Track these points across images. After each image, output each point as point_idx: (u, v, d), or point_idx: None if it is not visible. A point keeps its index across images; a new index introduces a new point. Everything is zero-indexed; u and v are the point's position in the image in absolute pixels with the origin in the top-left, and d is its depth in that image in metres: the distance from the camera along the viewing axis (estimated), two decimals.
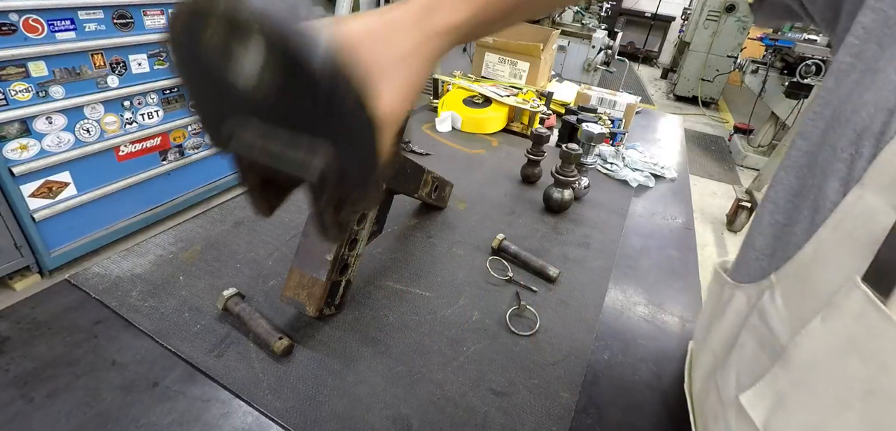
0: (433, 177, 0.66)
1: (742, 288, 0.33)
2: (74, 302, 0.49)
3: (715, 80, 5.24)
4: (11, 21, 1.39)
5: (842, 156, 0.24)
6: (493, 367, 0.47)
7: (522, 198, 0.83)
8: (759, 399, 0.28)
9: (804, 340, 0.25)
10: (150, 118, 1.86)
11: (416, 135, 1.05)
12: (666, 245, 0.74)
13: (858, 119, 0.23)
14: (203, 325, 0.48)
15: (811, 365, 0.24)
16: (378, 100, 0.28)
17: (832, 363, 0.23)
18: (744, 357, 0.31)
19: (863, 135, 0.23)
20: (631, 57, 7.27)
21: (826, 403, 0.23)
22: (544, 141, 0.85)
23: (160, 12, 1.77)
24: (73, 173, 1.66)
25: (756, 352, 0.30)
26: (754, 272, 0.33)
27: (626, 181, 0.94)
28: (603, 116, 1.13)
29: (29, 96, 1.48)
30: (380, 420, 0.40)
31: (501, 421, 0.42)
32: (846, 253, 0.23)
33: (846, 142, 0.24)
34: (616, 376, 0.49)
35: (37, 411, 0.38)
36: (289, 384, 0.43)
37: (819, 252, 0.25)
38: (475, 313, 0.54)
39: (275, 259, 0.59)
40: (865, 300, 0.21)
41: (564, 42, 3.93)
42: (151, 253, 0.57)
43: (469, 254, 0.64)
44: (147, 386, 0.41)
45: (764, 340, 0.29)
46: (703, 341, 0.41)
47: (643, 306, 0.60)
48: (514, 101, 1.13)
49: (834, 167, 0.25)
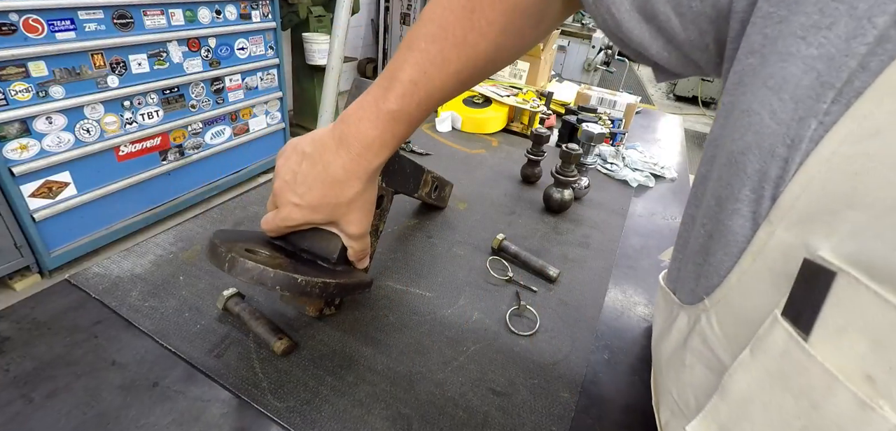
0: (433, 177, 0.66)
1: (684, 308, 0.34)
2: (74, 302, 0.49)
3: (715, 81, 5.24)
4: (11, 21, 1.39)
5: (740, 196, 0.25)
6: (493, 367, 0.47)
7: (522, 198, 0.83)
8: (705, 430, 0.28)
9: (737, 372, 0.25)
10: (150, 118, 1.86)
11: (416, 134, 1.05)
12: (666, 245, 0.74)
13: (748, 164, 0.24)
14: (203, 325, 0.48)
15: (747, 399, 0.24)
16: (348, 227, 0.43)
17: (767, 397, 0.23)
18: (696, 380, 0.31)
19: (760, 180, 0.23)
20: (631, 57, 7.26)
21: None
22: (544, 141, 0.85)
23: (160, 12, 1.77)
24: (73, 173, 1.66)
25: (706, 377, 0.30)
26: (685, 291, 0.33)
27: (626, 181, 0.94)
28: (603, 116, 1.13)
29: (29, 96, 1.48)
30: (380, 420, 0.40)
31: (501, 421, 0.42)
32: (766, 286, 0.23)
33: (740, 184, 0.24)
34: (616, 376, 0.49)
35: (37, 411, 0.38)
36: (289, 384, 0.43)
37: (743, 282, 0.26)
38: (475, 313, 0.54)
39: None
40: (788, 336, 0.22)
41: (564, 42, 3.93)
42: (151, 253, 0.57)
43: (469, 254, 0.64)
44: (147, 386, 0.41)
45: (712, 365, 0.29)
46: (657, 354, 0.41)
47: (643, 306, 0.60)
48: (514, 101, 1.13)
49: (735, 207, 0.25)
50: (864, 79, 0.19)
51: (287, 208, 0.42)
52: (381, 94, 0.40)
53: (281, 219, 0.43)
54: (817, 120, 0.21)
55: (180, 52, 1.88)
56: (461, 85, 0.41)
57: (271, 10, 2.22)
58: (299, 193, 0.41)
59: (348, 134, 0.40)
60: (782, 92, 0.22)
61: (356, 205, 0.42)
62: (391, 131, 0.40)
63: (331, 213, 0.42)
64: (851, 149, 0.19)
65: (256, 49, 2.22)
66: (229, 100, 2.17)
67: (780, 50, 0.22)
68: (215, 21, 1.98)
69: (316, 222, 0.43)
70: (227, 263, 0.36)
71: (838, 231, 0.20)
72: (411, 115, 0.40)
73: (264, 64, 2.27)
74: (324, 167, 0.41)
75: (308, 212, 0.42)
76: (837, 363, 0.20)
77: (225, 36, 2.04)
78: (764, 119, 0.23)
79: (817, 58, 0.21)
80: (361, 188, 0.42)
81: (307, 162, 0.41)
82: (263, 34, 2.22)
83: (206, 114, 2.06)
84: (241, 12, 2.08)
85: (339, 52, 1.42)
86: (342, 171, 0.40)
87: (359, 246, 0.45)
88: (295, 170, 0.42)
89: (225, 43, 2.06)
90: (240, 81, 2.19)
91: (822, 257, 0.20)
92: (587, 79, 3.87)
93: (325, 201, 0.41)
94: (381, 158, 0.42)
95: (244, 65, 2.17)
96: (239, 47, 2.13)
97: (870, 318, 0.18)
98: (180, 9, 1.83)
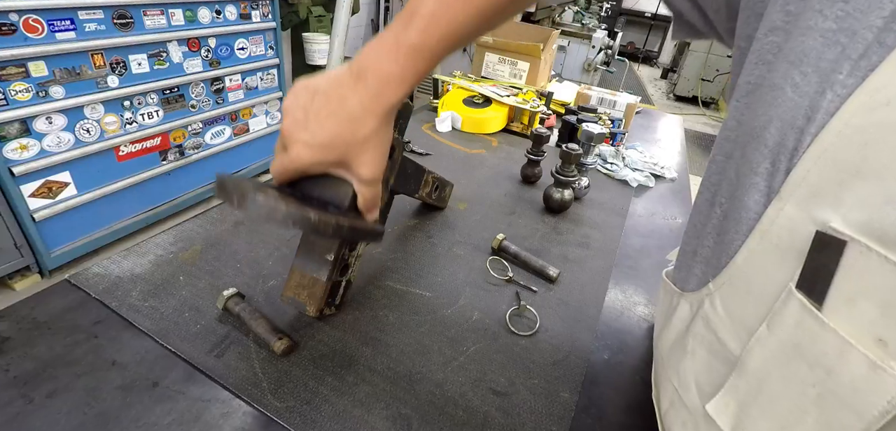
0: (434, 178, 0.66)
1: (685, 296, 0.35)
2: (74, 302, 0.49)
3: (715, 80, 5.24)
4: (11, 21, 1.39)
5: (759, 170, 0.25)
6: (493, 367, 0.47)
7: (522, 198, 0.83)
8: (724, 407, 0.29)
9: (755, 347, 0.26)
10: (150, 118, 1.86)
11: (417, 135, 1.05)
12: (666, 245, 0.74)
13: (769, 136, 0.25)
14: (203, 325, 0.48)
15: (766, 372, 0.25)
16: (361, 169, 0.40)
17: (783, 369, 0.24)
18: (698, 365, 0.32)
19: (778, 152, 0.24)
20: (631, 57, 7.27)
21: (784, 408, 0.24)
22: (544, 141, 0.85)
23: (160, 12, 1.77)
24: (73, 173, 1.66)
25: (709, 361, 0.30)
26: (692, 279, 0.34)
27: (626, 181, 0.94)
28: (603, 116, 1.13)
29: (29, 96, 1.48)
30: (380, 420, 0.40)
31: (501, 421, 0.42)
32: (776, 263, 0.24)
33: (761, 158, 0.25)
34: (616, 376, 0.49)
35: (37, 411, 0.38)
36: (289, 384, 0.43)
37: (750, 261, 0.26)
38: (475, 313, 0.54)
39: (275, 259, 0.59)
40: (802, 308, 0.22)
41: (564, 42, 3.93)
42: (151, 253, 0.57)
43: (469, 254, 0.64)
44: (147, 386, 0.41)
45: (714, 349, 0.30)
46: (657, 346, 0.42)
47: (643, 306, 0.60)
48: (514, 101, 1.13)
49: (752, 181, 0.26)
50: (880, 53, 0.20)
51: (296, 147, 0.39)
52: (401, 29, 0.38)
53: (289, 161, 0.40)
54: (833, 91, 0.21)
55: (180, 52, 1.88)
56: (484, 21, 0.39)
57: (271, 10, 2.22)
58: (311, 131, 0.39)
59: (366, 69, 0.38)
60: (803, 65, 0.23)
61: (371, 144, 0.40)
62: (412, 67, 0.38)
63: (344, 153, 0.40)
64: (863, 119, 0.20)
65: (256, 49, 2.22)
66: (229, 100, 2.17)
67: (801, 25, 0.23)
68: (215, 21, 1.98)
69: (327, 162, 0.40)
70: (236, 198, 0.35)
71: (846, 201, 0.20)
72: (432, 50, 0.38)
73: (264, 64, 2.27)
74: (339, 103, 0.38)
75: (319, 151, 0.39)
76: (850, 329, 0.20)
77: (225, 36, 2.04)
78: (786, 92, 0.23)
79: (836, 31, 0.21)
80: (377, 126, 0.39)
81: (320, 98, 0.39)
82: (263, 34, 2.22)
83: (206, 114, 2.06)
84: (241, 12, 2.08)
85: (339, 52, 1.42)
86: (359, 107, 0.38)
87: (370, 192, 0.43)
88: (306, 108, 0.39)
89: (225, 43, 2.05)
90: (240, 81, 2.19)
91: (833, 228, 0.20)
92: (587, 79, 3.88)
93: (338, 139, 0.39)
94: (400, 95, 0.39)
95: (244, 65, 2.17)
96: (239, 47, 2.13)
97: (880, 283, 0.19)
98: (180, 9, 1.83)
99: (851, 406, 0.20)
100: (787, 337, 0.23)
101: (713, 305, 0.30)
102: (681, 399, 0.34)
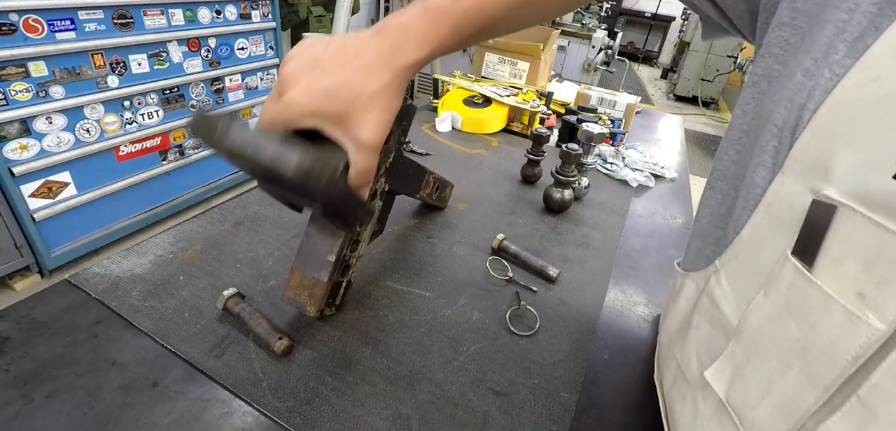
0: (434, 178, 0.66)
1: (690, 276, 0.37)
2: (74, 302, 0.49)
3: (715, 80, 5.24)
4: (11, 21, 1.39)
5: (767, 148, 0.27)
6: (493, 367, 0.47)
7: (522, 198, 0.83)
8: (720, 374, 0.30)
9: (751, 313, 0.27)
10: (150, 118, 1.86)
11: (417, 135, 1.05)
12: (666, 245, 0.74)
13: (777, 115, 0.26)
14: (203, 325, 0.48)
15: (759, 334, 0.27)
16: (361, 130, 0.36)
17: (775, 329, 0.25)
18: (700, 338, 0.33)
19: (783, 128, 0.26)
20: (631, 57, 7.26)
21: (773, 365, 0.25)
22: (544, 141, 0.85)
23: (160, 12, 1.77)
24: (73, 173, 1.66)
25: (711, 333, 0.32)
26: (701, 260, 0.36)
27: (626, 181, 0.94)
28: (603, 116, 1.13)
29: (29, 96, 1.48)
30: (380, 420, 0.40)
31: (501, 421, 0.42)
32: (777, 233, 0.26)
33: (769, 136, 0.27)
34: (616, 376, 0.49)
35: (37, 411, 0.38)
36: (289, 384, 0.43)
37: (754, 235, 0.28)
38: (475, 313, 0.54)
39: (275, 259, 0.59)
40: (795, 271, 0.24)
41: (564, 42, 3.93)
42: (151, 253, 0.57)
43: (469, 254, 0.64)
44: (147, 386, 0.41)
45: (715, 321, 0.31)
46: (663, 329, 0.44)
47: (643, 306, 0.60)
48: (514, 101, 1.13)
49: (761, 158, 0.28)
50: (875, 35, 0.21)
51: (295, 90, 0.35)
52: None
53: (283, 106, 0.35)
54: (831, 70, 0.23)
55: (180, 52, 1.88)
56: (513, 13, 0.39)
57: (271, 10, 2.22)
58: (315, 75, 0.35)
59: (388, 24, 0.37)
60: (814, 51, 0.25)
61: (378, 102, 0.36)
62: (436, 28, 0.37)
63: (348, 104, 0.35)
64: (855, 94, 0.22)
65: (256, 49, 2.22)
66: (229, 100, 2.17)
67: (821, 19, 0.25)
68: (215, 21, 1.98)
69: (325, 113, 0.35)
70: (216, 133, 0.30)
71: (838, 170, 0.22)
72: (457, 21, 0.37)
73: (264, 64, 2.27)
74: (354, 53, 0.36)
75: (320, 98, 0.34)
76: (834, 285, 0.22)
77: (225, 36, 2.04)
78: (797, 75, 0.25)
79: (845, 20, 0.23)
80: (389, 81, 0.36)
81: (334, 48, 0.36)
82: (263, 34, 2.22)
83: None
84: (241, 12, 2.08)
85: None
86: (375, 56, 0.35)
87: (364, 161, 0.37)
88: (316, 57, 0.36)
89: (225, 43, 2.05)
90: (240, 81, 2.19)
91: (825, 195, 0.22)
92: (587, 79, 3.88)
93: (345, 87, 0.35)
94: (419, 56, 0.37)
95: (244, 65, 2.17)
96: (239, 47, 2.13)
97: (863, 242, 0.21)
98: (180, 9, 1.83)
99: (828, 354, 0.22)
100: (780, 300, 0.25)
101: (718, 281, 0.32)
102: (683, 375, 0.36)
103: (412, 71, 0.38)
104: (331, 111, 0.35)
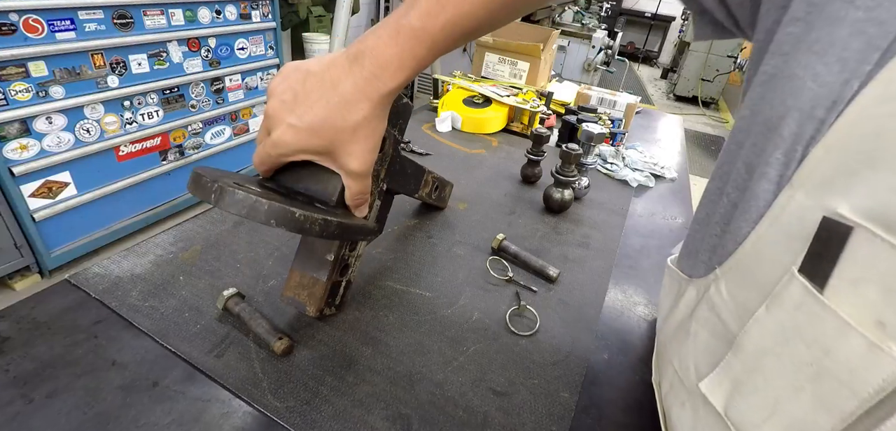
0: (434, 178, 0.66)
1: (692, 282, 0.36)
2: (74, 302, 0.49)
3: (715, 80, 5.24)
4: (11, 21, 1.39)
5: (771, 160, 0.26)
6: (493, 367, 0.47)
7: (522, 198, 0.83)
8: (718, 386, 0.29)
9: (752, 328, 0.27)
10: (150, 118, 1.86)
11: (417, 135, 1.05)
12: (666, 245, 0.74)
13: (785, 127, 0.25)
14: (203, 325, 0.48)
15: (761, 351, 0.26)
16: (349, 161, 0.37)
17: (780, 349, 0.25)
18: (698, 346, 0.33)
19: (794, 141, 0.25)
20: (631, 57, 7.27)
21: (779, 385, 0.25)
22: (544, 141, 0.85)
23: (160, 12, 1.77)
24: (73, 173, 1.66)
25: (709, 342, 0.31)
26: (699, 266, 0.35)
27: (626, 181, 0.94)
28: (603, 116, 1.13)
29: (29, 96, 1.48)
30: (380, 420, 0.40)
31: (502, 421, 0.42)
32: (783, 248, 0.25)
33: (773, 148, 0.26)
34: (616, 376, 0.49)
35: (37, 411, 0.38)
36: (289, 384, 0.43)
37: (758, 247, 0.27)
38: (475, 313, 0.54)
39: (275, 259, 0.59)
40: (804, 290, 0.23)
41: (564, 42, 3.93)
42: (151, 253, 0.57)
43: (469, 254, 0.64)
44: (147, 386, 0.41)
45: (716, 330, 0.31)
46: (660, 330, 0.43)
47: (643, 306, 0.60)
48: (514, 101, 1.13)
49: (762, 170, 0.27)
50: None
51: (281, 129, 0.37)
52: (403, 12, 0.36)
53: (271, 145, 0.37)
54: (860, 81, 0.21)
55: (180, 52, 1.88)
56: (490, 17, 0.38)
57: (271, 10, 2.22)
58: (298, 113, 0.36)
59: (363, 51, 0.37)
60: (827, 55, 0.23)
61: (361, 133, 0.37)
62: (411, 51, 0.37)
63: (332, 139, 0.37)
64: (877, 110, 0.20)
65: (256, 49, 2.22)
66: (229, 100, 2.17)
67: (827, 15, 0.23)
68: (215, 21, 1.98)
69: (313, 149, 0.38)
70: (213, 194, 0.32)
71: (857, 190, 0.21)
72: (435, 38, 0.37)
73: (264, 64, 2.27)
74: (331, 85, 0.36)
75: (305, 136, 0.37)
76: (851, 311, 0.21)
77: (225, 36, 2.04)
78: (806, 83, 0.24)
79: (865, 20, 0.21)
80: (370, 112, 0.37)
81: (312, 79, 0.37)
82: (263, 34, 2.22)
83: (206, 114, 2.06)
84: (241, 12, 2.08)
85: None
86: (352, 89, 0.36)
87: (358, 186, 0.40)
88: (296, 90, 0.37)
89: (225, 43, 2.06)
90: (240, 81, 2.19)
91: (840, 214, 0.21)
92: (587, 79, 3.88)
93: (327, 123, 0.36)
94: (397, 82, 0.37)
95: (244, 65, 2.17)
96: (239, 47, 2.13)
97: (883, 268, 0.20)
98: (180, 9, 1.83)
99: (847, 384, 0.21)
100: (786, 318, 0.24)
101: (718, 289, 0.31)
102: (680, 381, 0.35)
103: (392, 96, 0.38)
104: (317, 147, 0.37)
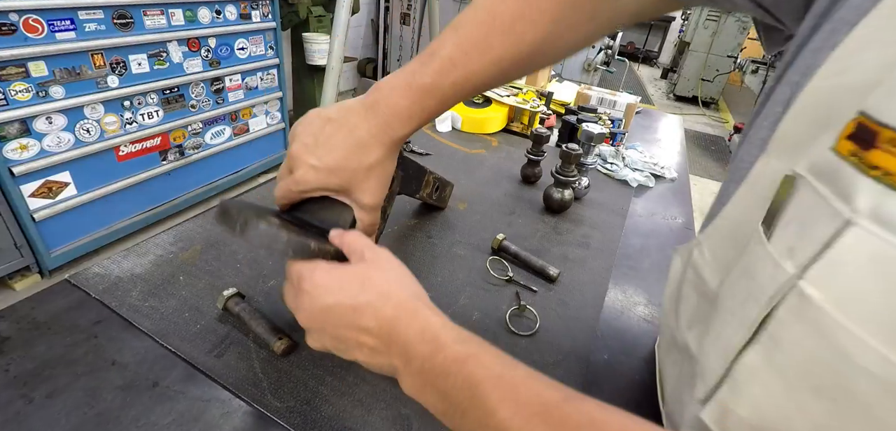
0: (434, 178, 0.66)
1: (678, 251, 0.40)
2: (74, 302, 0.49)
3: (715, 80, 5.24)
4: (11, 21, 1.39)
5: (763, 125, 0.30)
6: None
7: (522, 198, 0.83)
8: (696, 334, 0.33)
9: (727, 281, 0.30)
10: (150, 118, 1.86)
11: (417, 135, 1.05)
12: (666, 245, 0.74)
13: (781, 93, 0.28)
14: (203, 325, 0.48)
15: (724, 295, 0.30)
16: (363, 196, 0.42)
17: (735, 287, 0.28)
18: (688, 307, 0.36)
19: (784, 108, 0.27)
20: (631, 57, 7.26)
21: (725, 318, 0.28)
22: (544, 141, 0.85)
23: (160, 12, 1.77)
24: (73, 173, 1.66)
25: (697, 302, 0.35)
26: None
27: (626, 181, 0.94)
28: (603, 116, 1.13)
29: (29, 96, 1.48)
30: (380, 420, 0.40)
31: None
32: (751, 208, 0.28)
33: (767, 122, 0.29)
34: (616, 376, 0.49)
35: (37, 411, 0.38)
36: (289, 384, 0.43)
37: (736, 208, 0.31)
38: (475, 313, 0.54)
39: (275, 259, 0.59)
40: (758, 239, 0.26)
41: None
42: (151, 253, 0.57)
43: (469, 254, 0.64)
44: (147, 386, 0.41)
45: (700, 289, 0.34)
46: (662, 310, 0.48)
47: (643, 306, 0.60)
48: (514, 101, 1.13)
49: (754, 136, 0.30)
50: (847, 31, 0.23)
51: (303, 169, 0.41)
52: (418, 68, 0.40)
53: (294, 182, 0.42)
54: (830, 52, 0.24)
55: (180, 52, 1.88)
56: (501, 74, 0.41)
57: (271, 10, 2.22)
58: (318, 155, 0.41)
59: (379, 101, 0.41)
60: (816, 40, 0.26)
61: (375, 173, 0.42)
62: (421, 104, 0.41)
63: (348, 179, 0.41)
64: (828, 82, 0.24)
65: (256, 49, 2.22)
66: (229, 100, 2.16)
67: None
68: (215, 21, 1.98)
69: (331, 187, 0.42)
70: (238, 226, 0.36)
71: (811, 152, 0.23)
72: (444, 93, 0.41)
73: (264, 64, 2.27)
74: (349, 131, 0.41)
75: (325, 176, 0.41)
76: (779, 247, 0.24)
77: (225, 36, 2.04)
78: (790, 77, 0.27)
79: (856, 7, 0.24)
80: (383, 155, 0.42)
81: (332, 125, 0.41)
82: (263, 34, 2.22)
83: (206, 114, 2.06)
84: (241, 12, 2.08)
85: (339, 53, 1.41)
86: (367, 135, 0.41)
87: (369, 219, 0.44)
88: (316, 134, 0.41)
89: (225, 43, 2.05)
90: (240, 81, 2.19)
91: (794, 171, 0.24)
92: (587, 79, 3.87)
93: (344, 164, 0.41)
94: (408, 129, 0.42)
95: (244, 65, 2.17)
96: (239, 47, 2.13)
97: (805, 206, 0.23)
98: (180, 9, 1.83)
99: (755, 297, 0.25)
100: (743, 265, 0.28)
101: (701, 252, 0.35)
102: (674, 340, 0.38)
103: (402, 140, 0.43)
104: (335, 185, 0.41)
